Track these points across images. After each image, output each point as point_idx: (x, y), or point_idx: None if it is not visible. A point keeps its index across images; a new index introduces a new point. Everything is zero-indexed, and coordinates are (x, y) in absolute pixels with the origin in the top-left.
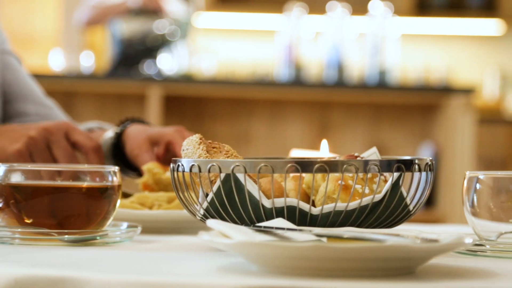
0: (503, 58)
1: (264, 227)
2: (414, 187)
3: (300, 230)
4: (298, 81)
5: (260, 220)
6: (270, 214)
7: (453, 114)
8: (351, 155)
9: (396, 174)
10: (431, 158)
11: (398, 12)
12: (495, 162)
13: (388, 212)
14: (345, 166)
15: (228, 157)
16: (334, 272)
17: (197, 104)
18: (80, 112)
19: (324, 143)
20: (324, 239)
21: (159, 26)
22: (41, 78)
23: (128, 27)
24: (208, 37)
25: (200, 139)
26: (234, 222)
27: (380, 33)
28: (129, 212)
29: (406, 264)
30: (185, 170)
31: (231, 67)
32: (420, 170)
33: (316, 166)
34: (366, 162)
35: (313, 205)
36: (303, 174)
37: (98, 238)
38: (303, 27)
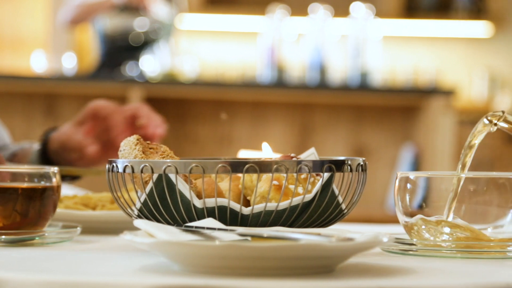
0: (491, 60)
1: (195, 227)
2: (346, 187)
3: (226, 230)
4: (280, 83)
5: (193, 220)
6: (202, 214)
7: (434, 115)
8: (287, 156)
9: (327, 174)
10: (364, 159)
11: (386, 14)
12: (483, 163)
13: (320, 211)
14: (275, 166)
15: (163, 157)
16: (253, 271)
17: (179, 105)
18: (62, 114)
19: (265, 145)
20: (248, 238)
21: (141, 24)
22: (23, 80)
23: (111, 23)
24: (190, 39)
25: (137, 139)
26: (168, 222)
27: (362, 35)
28: (72, 212)
29: (323, 262)
30: (119, 170)
31: (214, 68)
32: (351, 171)
33: (247, 166)
34: (296, 163)
35: (249, 205)
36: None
37: (37, 238)
38: (286, 29)
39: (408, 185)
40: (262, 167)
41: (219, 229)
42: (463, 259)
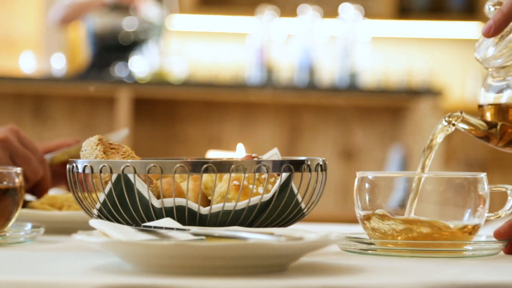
0: None
1: (154, 227)
2: (305, 187)
3: (180, 229)
4: (269, 84)
5: (152, 220)
6: (160, 214)
7: (422, 116)
8: (248, 156)
9: (285, 174)
10: (323, 159)
11: (379, 15)
12: (476, 165)
13: (279, 211)
14: (233, 166)
15: (124, 158)
16: (204, 270)
17: (168, 106)
18: (51, 115)
19: (240, 146)
20: (203, 238)
21: (130, 23)
22: (12, 80)
23: (101, 22)
24: (180, 40)
25: (99, 140)
26: (127, 222)
27: (350, 36)
28: (37, 213)
29: (273, 261)
30: (79, 170)
31: (203, 69)
32: (310, 171)
33: (204, 166)
34: (254, 163)
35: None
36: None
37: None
38: (275, 30)
39: (367, 185)
40: (220, 167)
41: (174, 229)
42: (420, 258)
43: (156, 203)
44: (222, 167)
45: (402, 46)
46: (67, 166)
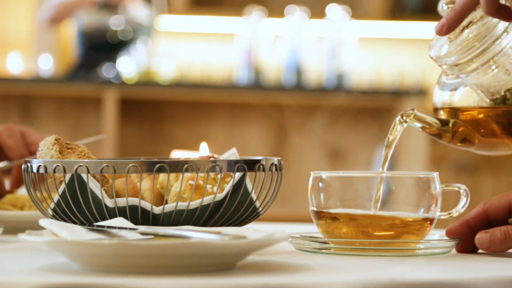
0: None
1: (106, 226)
2: (260, 186)
3: (128, 229)
4: (257, 84)
5: (105, 220)
6: (114, 214)
7: None
8: (206, 156)
9: (238, 174)
10: (279, 158)
11: (371, 16)
12: (468, 166)
13: (232, 210)
14: (186, 166)
15: (79, 157)
16: (148, 269)
17: (156, 107)
18: (38, 116)
19: (204, 145)
20: (152, 237)
21: (117, 22)
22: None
23: (89, 20)
24: (168, 40)
25: (56, 139)
26: (81, 222)
27: (338, 36)
28: None
29: (218, 260)
30: (33, 170)
31: (191, 70)
32: (264, 170)
33: (157, 166)
34: (208, 162)
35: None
36: (161, 175)
37: None
38: (262, 30)
39: (320, 184)
40: (173, 167)
41: (123, 229)
42: (373, 256)
43: (109, 202)
44: (175, 167)
45: (394, 47)
46: (22, 166)
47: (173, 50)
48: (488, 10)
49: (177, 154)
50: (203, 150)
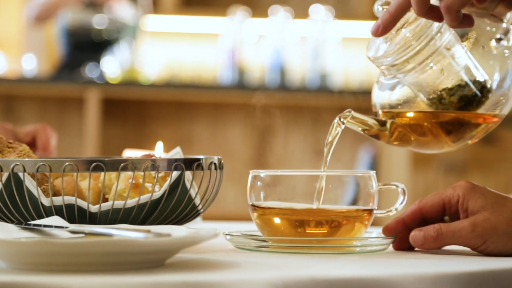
0: None
1: (42, 225)
2: (199, 185)
3: (64, 227)
4: (240, 84)
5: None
6: (51, 212)
7: None
8: (147, 155)
9: (176, 173)
10: (219, 157)
11: (355, 16)
12: (456, 166)
13: (170, 209)
14: (122, 165)
15: (19, 156)
16: (71, 267)
17: (139, 107)
18: (21, 116)
19: (159, 144)
20: (82, 235)
21: (100, 21)
22: None
23: (73, 19)
24: (151, 40)
25: None
26: (19, 221)
27: (321, 36)
28: None
29: (141, 258)
30: None
31: (174, 70)
32: (203, 169)
33: (93, 165)
34: (145, 161)
35: None
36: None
37: None
38: (246, 30)
39: (259, 183)
40: (109, 165)
41: (56, 227)
42: (310, 254)
43: (46, 201)
44: (112, 165)
45: None
46: None
47: (158, 50)
48: (419, 12)
49: (129, 153)
50: (158, 150)
